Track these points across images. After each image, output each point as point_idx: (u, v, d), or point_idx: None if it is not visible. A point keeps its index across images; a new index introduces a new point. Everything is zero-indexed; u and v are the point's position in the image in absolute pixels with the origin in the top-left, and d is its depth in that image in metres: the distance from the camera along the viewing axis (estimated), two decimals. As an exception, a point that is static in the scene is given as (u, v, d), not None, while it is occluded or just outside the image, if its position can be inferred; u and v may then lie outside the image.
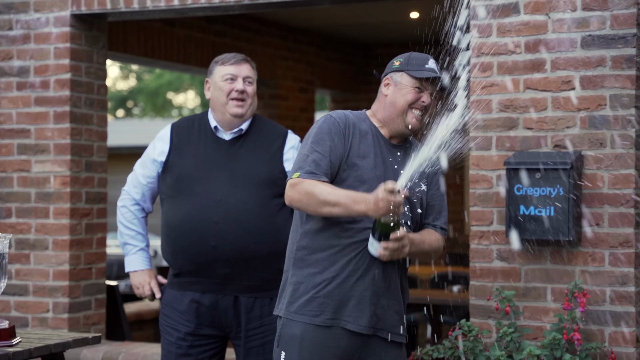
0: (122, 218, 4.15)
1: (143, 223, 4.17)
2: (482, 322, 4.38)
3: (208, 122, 4.08)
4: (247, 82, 4.04)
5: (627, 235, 4.16)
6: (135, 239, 4.14)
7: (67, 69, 5.35)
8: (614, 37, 4.21)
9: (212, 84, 4.06)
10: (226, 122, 4.04)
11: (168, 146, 4.06)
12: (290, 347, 3.37)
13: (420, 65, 3.47)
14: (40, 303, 5.36)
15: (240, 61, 4.06)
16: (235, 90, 4.01)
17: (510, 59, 4.41)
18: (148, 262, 4.17)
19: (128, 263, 4.15)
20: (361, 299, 3.34)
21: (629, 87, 4.18)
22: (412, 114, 3.44)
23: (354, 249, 3.35)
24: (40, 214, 5.38)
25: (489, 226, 4.41)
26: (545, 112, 4.34)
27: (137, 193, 4.13)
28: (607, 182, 4.20)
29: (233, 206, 3.91)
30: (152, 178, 4.10)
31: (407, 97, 3.44)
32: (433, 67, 3.47)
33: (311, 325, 3.34)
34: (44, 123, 5.39)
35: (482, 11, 4.45)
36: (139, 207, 4.15)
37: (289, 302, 3.40)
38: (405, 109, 3.44)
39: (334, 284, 3.34)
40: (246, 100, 4.02)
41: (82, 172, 5.42)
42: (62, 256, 5.32)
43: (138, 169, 4.15)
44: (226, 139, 4.04)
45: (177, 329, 4.01)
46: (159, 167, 4.07)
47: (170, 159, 4.04)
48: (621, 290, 4.16)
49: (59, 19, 5.37)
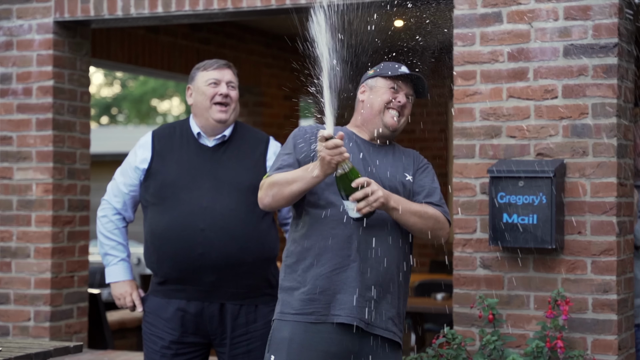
0: (102, 228, 4.12)
1: (124, 233, 4.14)
2: (466, 330, 4.38)
3: (190, 129, 4.07)
4: (230, 86, 4.04)
5: (609, 243, 4.18)
6: (115, 249, 4.12)
7: (50, 76, 5.33)
8: (596, 46, 4.24)
9: (195, 89, 4.05)
10: (209, 128, 4.03)
11: (150, 153, 4.04)
12: (280, 349, 3.37)
13: (394, 67, 3.56)
14: (22, 311, 5.33)
15: (223, 66, 4.06)
16: (219, 94, 4.00)
17: (493, 68, 4.42)
18: (129, 272, 4.15)
19: (109, 274, 4.13)
20: (350, 290, 3.33)
21: (611, 96, 4.20)
22: (389, 113, 3.50)
23: (336, 242, 3.36)
24: (22, 222, 5.35)
25: (473, 234, 4.42)
26: (528, 121, 4.35)
27: (117, 202, 4.11)
28: (589, 191, 4.22)
29: (218, 213, 3.90)
30: (134, 186, 4.08)
31: (383, 97, 3.51)
32: (406, 70, 3.55)
33: (300, 325, 3.35)
34: (26, 130, 5.37)
35: (466, 20, 4.46)
36: (120, 216, 4.12)
37: (282, 306, 3.44)
38: (381, 108, 3.51)
39: (322, 279, 3.35)
40: (230, 105, 4.01)
41: (64, 179, 5.39)
42: (43, 264, 5.29)
43: (119, 177, 4.12)
44: (209, 146, 4.03)
45: (162, 337, 3.99)
46: (141, 174, 4.05)
47: (152, 166, 4.02)
48: (603, 298, 4.17)
49: (42, 25, 5.36)
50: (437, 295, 6.78)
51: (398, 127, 3.52)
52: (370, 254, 3.36)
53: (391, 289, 3.41)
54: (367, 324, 3.35)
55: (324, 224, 3.39)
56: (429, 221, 3.41)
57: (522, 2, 4.38)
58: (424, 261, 9.06)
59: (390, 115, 3.51)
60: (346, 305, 3.33)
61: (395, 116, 3.50)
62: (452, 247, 4.48)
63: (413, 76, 3.53)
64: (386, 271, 3.38)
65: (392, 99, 3.51)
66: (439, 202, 3.50)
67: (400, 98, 3.51)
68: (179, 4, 5.09)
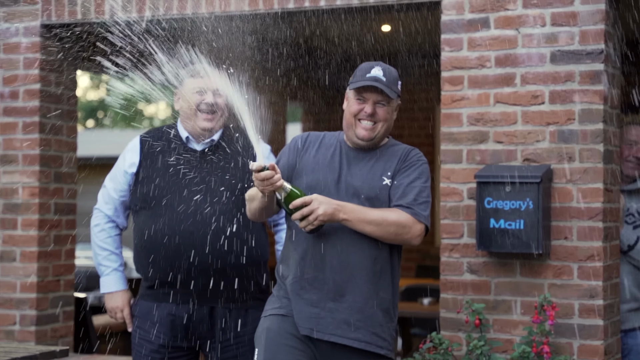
0: (95, 238, 4.11)
1: (117, 241, 4.12)
2: (453, 334, 4.39)
3: (178, 133, 4.06)
4: (217, 94, 4.02)
5: (595, 248, 4.19)
6: (108, 259, 4.10)
7: (37, 79, 5.31)
8: (583, 52, 4.26)
9: (182, 95, 4.04)
10: (196, 134, 4.02)
11: (138, 157, 4.03)
12: (260, 340, 3.53)
13: (362, 75, 3.51)
14: (7, 315, 5.30)
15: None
16: (204, 102, 3.99)
17: (480, 73, 4.44)
18: (122, 282, 4.13)
19: (102, 284, 4.13)
20: (302, 300, 3.47)
21: (598, 102, 4.22)
22: (359, 124, 3.50)
23: (297, 253, 3.51)
24: (8, 225, 5.32)
25: (460, 239, 4.43)
26: (515, 126, 4.37)
27: (109, 209, 4.09)
28: (575, 196, 4.24)
29: (208, 216, 3.89)
30: (124, 191, 4.07)
31: (351, 109, 3.52)
32: (376, 74, 3.48)
33: (277, 317, 3.51)
34: (12, 133, 5.34)
35: (453, 25, 4.48)
36: (112, 224, 4.11)
37: (268, 304, 3.61)
38: (351, 121, 3.52)
39: (289, 286, 3.51)
40: (216, 113, 4.00)
41: (51, 183, 5.37)
42: (29, 268, 5.27)
43: (108, 183, 4.11)
44: (198, 149, 4.03)
45: (151, 341, 3.98)
46: (130, 179, 4.04)
47: (141, 171, 4.01)
48: (589, 304, 4.18)
49: (29, 29, 5.34)
50: (424, 300, 6.79)
51: (374, 136, 3.51)
52: (324, 263, 3.45)
53: (350, 294, 3.44)
54: (312, 329, 3.45)
55: (296, 234, 3.53)
56: (389, 227, 3.41)
57: (510, 8, 4.39)
58: (409, 266, 9.07)
59: (361, 127, 3.49)
60: (299, 315, 3.47)
61: (368, 126, 3.48)
62: (439, 252, 4.49)
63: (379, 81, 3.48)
64: (345, 278, 3.43)
65: (359, 110, 3.50)
66: (411, 203, 3.44)
67: (367, 109, 3.48)
68: (166, 8, 5.08)
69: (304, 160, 3.55)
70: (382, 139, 3.57)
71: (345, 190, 3.46)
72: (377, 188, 3.46)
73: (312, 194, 3.37)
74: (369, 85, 3.46)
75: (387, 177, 3.50)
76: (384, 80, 3.47)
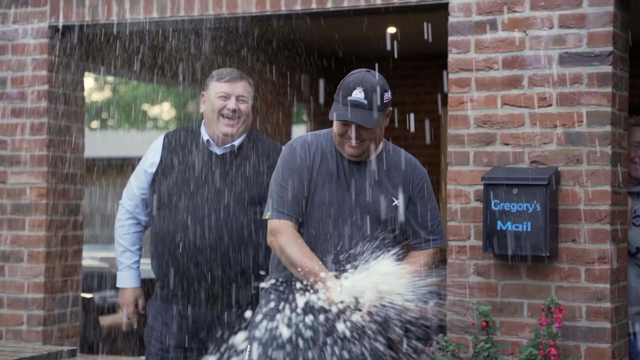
0: (115, 232, 4.15)
1: (135, 238, 4.14)
2: (459, 337, 4.39)
3: (201, 135, 4.06)
4: (240, 100, 4.00)
5: (603, 251, 4.19)
6: (123, 255, 4.13)
7: (45, 81, 5.33)
8: (591, 54, 4.26)
9: (207, 98, 4.04)
10: (217, 138, 4.02)
11: (159, 157, 4.05)
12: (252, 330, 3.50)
13: (344, 98, 3.39)
14: (15, 315, 5.31)
15: (236, 79, 4.02)
16: (227, 108, 3.99)
17: (487, 75, 4.44)
18: (133, 280, 4.15)
19: (117, 279, 4.18)
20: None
21: (605, 104, 4.22)
22: (347, 143, 3.41)
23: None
24: (15, 226, 5.33)
25: (466, 241, 4.43)
26: (523, 128, 4.37)
27: (130, 205, 4.12)
28: (583, 199, 4.24)
29: (222, 220, 3.89)
30: (144, 189, 4.09)
31: (336, 130, 3.43)
32: (356, 98, 3.36)
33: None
34: (20, 134, 5.36)
35: (460, 27, 4.48)
36: (134, 220, 4.13)
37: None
38: (339, 141, 3.43)
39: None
40: (239, 118, 3.99)
41: (58, 183, 5.39)
42: (37, 268, 5.28)
43: (133, 179, 4.14)
44: (218, 153, 4.03)
45: (161, 340, 4.00)
46: (149, 178, 4.06)
47: (160, 171, 4.03)
48: (597, 306, 4.18)
49: (38, 30, 5.35)
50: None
51: (362, 152, 3.42)
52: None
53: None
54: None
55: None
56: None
57: (517, 10, 4.40)
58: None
59: (348, 145, 3.41)
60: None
61: (355, 145, 3.39)
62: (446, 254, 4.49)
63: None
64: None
65: (344, 132, 3.40)
66: (432, 235, 3.45)
67: (350, 133, 3.39)
68: (174, 10, 5.09)
69: (315, 175, 3.43)
70: (374, 149, 3.48)
71: (359, 208, 3.40)
72: (388, 210, 3.42)
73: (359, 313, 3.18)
74: (347, 120, 3.34)
75: (396, 197, 3.44)
76: (365, 103, 3.34)
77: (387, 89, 3.42)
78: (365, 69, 3.45)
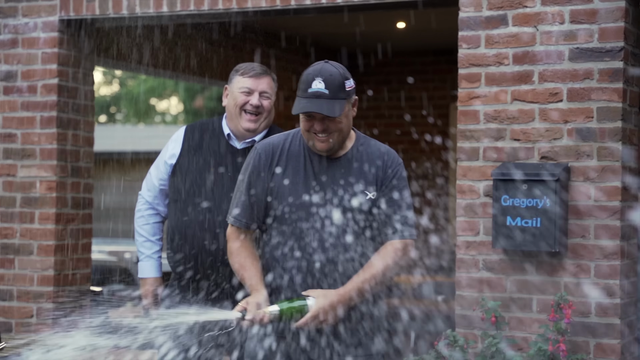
0: (135, 223, 4.15)
1: (155, 228, 4.13)
2: (468, 332, 4.39)
3: (222, 128, 4.06)
4: (263, 96, 3.98)
5: (612, 247, 4.19)
6: (143, 246, 4.13)
7: (55, 74, 5.34)
8: (602, 50, 4.25)
9: (230, 92, 4.03)
10: (238, 133, 4.02)
11: (179, 149, 4.05)
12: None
13: (304, 91, 3.30)
14: (24, 308, 5.33)
15: (260, 74, 3.99)
16: (250, 104, 3.98)
17: (498, 71, 4.43)
18: (154, 269, 4.14)
19: (139, 269, 4.18)
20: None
21: (616, 100, 4.22)
22: (316, 137, 3.32)
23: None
24: (25, 219, 5.35)
25: (476, 236, 4.43)
26: (533, 124, 4.36)
27: (149, 196, 4.12)
28: (593, 194, 4.23)
29: None
30: (164, 180, 4.09)
31: (303, 126, 3.35)
32: (317, 89, 3.27)
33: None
34: (30, 128, 5.37)
35: (471, 22, 4.47)
36: (153, 211, 4.13)
37: None
38: (308, 137, 3.34)
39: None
40: (262, 114, 3.98)
41: (68, 177, 5.40)
42: (46, 261, 5.30)
43: (152, 170, 4.14)
44: (238, 147, 4.03)
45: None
46: (169, 169, 4.06)
47: (180, 162, 4.03)
48: (606, 302, 4.18)
49: (47, 24, 5.36)
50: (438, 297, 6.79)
51: (332, 145, 3.31)
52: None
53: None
54: None
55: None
56: (384, 277, 3.29)
57: (528, 5, 4.39)
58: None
59: (318, 140, 3.31)
60: None
61: (323, 138, 3.30)
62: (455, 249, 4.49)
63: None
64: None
65: (310, 127, 3.31)
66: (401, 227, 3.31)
67: (316, 126, 3.29)
68: (183, 4, 5.09)
69: (276, 178, 3.34)
70: (344, 141, 3.37)
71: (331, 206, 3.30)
72: (361, 203, 3.30)
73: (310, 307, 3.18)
74: (308, 111, 3.26)
75: (369, 191, 3.33)
76: (326, 93, 3.25)
77: (348, 76, 3.32)
78: (323, 60, 3.36)
